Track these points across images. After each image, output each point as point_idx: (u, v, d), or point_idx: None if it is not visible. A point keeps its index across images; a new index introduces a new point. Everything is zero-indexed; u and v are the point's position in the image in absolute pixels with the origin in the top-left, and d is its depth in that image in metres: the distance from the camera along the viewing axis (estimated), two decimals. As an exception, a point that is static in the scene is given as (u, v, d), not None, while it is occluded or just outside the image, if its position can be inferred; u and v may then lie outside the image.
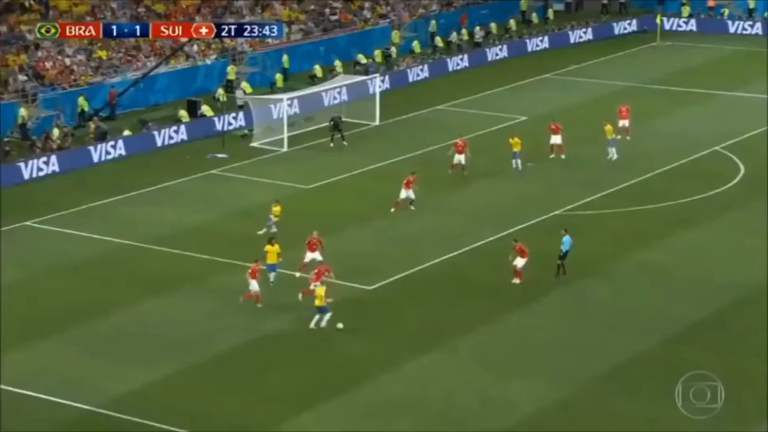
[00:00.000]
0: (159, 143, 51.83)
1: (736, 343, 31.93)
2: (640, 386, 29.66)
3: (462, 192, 44.20)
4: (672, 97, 58.43)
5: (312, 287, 33.67)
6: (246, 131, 53.42)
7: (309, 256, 36.83)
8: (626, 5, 78.02)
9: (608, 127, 48.41)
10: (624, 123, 50.84)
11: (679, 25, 74.52)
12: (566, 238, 36.49)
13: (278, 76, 61.08)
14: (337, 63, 63.40)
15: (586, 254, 37.48)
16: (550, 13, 76.78)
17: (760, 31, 72.38)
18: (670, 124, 53.73)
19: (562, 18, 76.18)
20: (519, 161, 46.55)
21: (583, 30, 72.47)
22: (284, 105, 52.50)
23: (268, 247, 35.96)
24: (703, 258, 38.00)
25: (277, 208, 40.07)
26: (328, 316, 33.19)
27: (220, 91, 57.08)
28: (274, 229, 39.05)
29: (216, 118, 54.01)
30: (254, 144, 51.65)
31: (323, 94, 56.97)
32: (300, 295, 34.14)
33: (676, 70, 64.27)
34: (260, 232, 39.36)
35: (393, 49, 67.46)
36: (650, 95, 59.30)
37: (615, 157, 47.62)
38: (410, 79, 63.02)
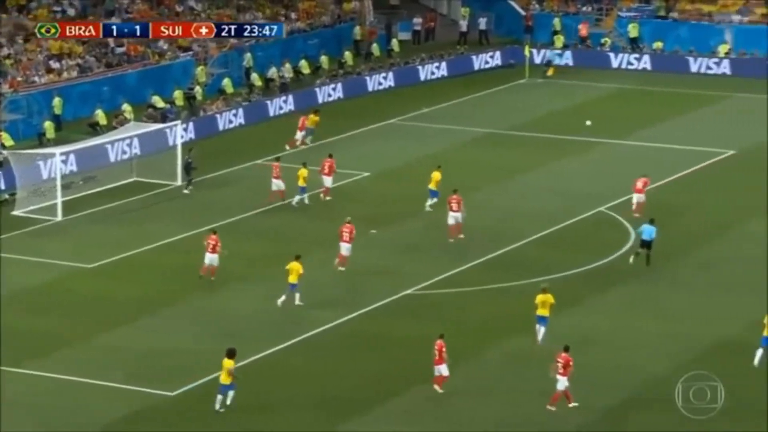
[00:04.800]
0: None
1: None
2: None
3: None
4: (545, 146, 59.85)
5: None
6: (6, 196, 52.50)
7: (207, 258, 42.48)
8: (488, 34, 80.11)
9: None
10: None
11: (550, 59, 76.62)
12: (649, 227, 43.02)
13: (48, 125, 60.37)
14: (126, 107, 63.08)
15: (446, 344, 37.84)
16: (395, 44, 78.22)
17: (648, 66, 75.20)
18: (545, 179, 54.82)
19: (410, 50, 77.66)
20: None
21: (436, 64, 73.99)
22: (57, 161, 51.90)
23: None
24: (588, 345, 38.39)
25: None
26: None
27: (-32, 145, 56.09)
28: None
29: (-37, 180, 53.07)
30: (17, 212, 50.84)
31: (108, 147, 56.55)
32: None
33: (549, 112, 66.09)
34: None
35: (198, 89, 67.53)
36: (519, 143, 60.77)
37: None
38: (221, 127, 63.15)
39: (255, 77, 69.95)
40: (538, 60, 75.52)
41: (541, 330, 38.38)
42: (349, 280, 43.64)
